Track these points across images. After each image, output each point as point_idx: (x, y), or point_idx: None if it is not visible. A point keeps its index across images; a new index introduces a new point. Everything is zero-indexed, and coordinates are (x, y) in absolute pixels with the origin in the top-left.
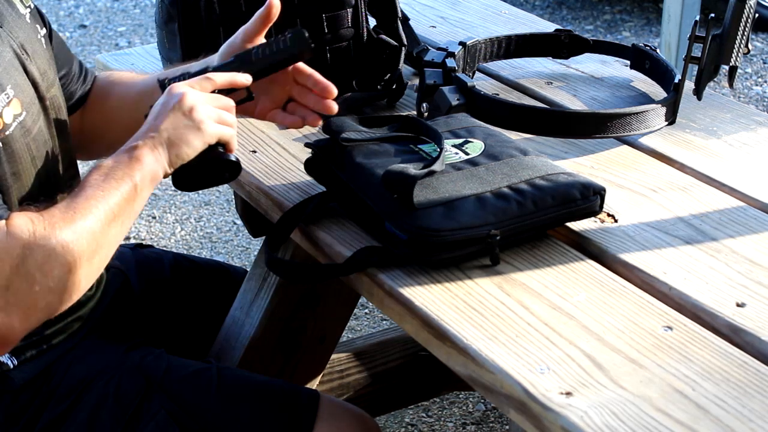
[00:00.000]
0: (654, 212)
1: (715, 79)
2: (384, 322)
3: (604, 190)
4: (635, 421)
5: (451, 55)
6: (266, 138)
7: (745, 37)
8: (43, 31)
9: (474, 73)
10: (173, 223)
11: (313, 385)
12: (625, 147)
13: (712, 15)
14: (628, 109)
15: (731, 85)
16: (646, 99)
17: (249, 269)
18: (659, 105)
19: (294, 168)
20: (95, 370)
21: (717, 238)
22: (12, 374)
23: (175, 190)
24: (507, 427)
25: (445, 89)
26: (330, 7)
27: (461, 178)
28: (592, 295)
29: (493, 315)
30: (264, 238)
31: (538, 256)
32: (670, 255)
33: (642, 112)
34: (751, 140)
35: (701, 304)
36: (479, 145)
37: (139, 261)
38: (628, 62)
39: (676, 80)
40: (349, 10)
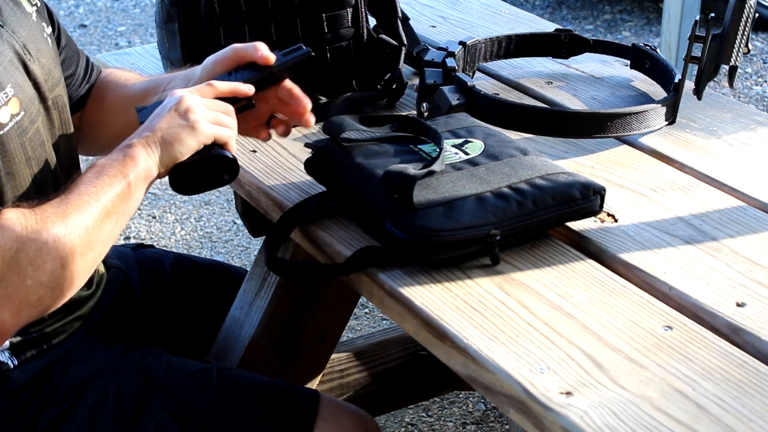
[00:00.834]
0: (654, 212)
1: (715, 79)
2: (384, 321)
3: (604, 190)
4: (635, 421)
5: (451, 54)
6: None
7: (745, 37)
8: (49, 30)
9: (474, 73)
10: (173, 222)
11: (313, 385)
12: (625, 147)
13: (712, 15)
14: (628, 109)
15: (731, 85)
16: (646, 99)
17: (249, 269)
18: (659, 105)
19: (294, 168)
20: (95, 370)
21: (717, 238)
22: (12, 374)
23: None
24: (507, 427)
25: (445, 89)
26: (330, 7)
27: (461, 178)
28: (592, 294)
29: (493, 315)
30: (264, 237)
31: (538, 255)
32: (670, 255)
33: (642, 111)
34: (751, 140)
35: (701, 304)
36: (479, 145)
37: (139, 261)
38: (628, 62)
39: (676, 80)
40: (349, 10)
